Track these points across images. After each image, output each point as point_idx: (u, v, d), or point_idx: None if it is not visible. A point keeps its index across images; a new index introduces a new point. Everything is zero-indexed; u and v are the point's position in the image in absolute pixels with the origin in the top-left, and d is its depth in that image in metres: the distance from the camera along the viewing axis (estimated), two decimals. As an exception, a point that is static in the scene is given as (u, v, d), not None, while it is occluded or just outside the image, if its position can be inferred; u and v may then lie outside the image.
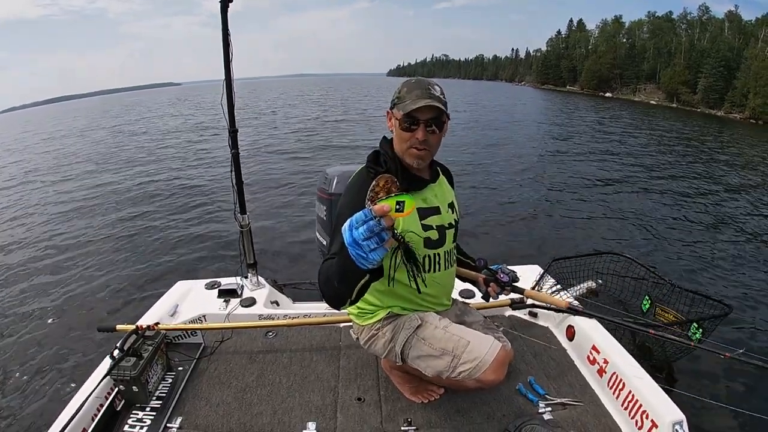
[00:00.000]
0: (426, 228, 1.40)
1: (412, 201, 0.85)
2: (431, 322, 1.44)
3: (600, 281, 2.43)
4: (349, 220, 0.87)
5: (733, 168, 10.33)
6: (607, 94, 48.06)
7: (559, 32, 69.06)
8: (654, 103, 39.74)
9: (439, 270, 1.47)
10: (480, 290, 1.64)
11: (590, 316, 1.72)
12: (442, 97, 1.32)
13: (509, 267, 1.62)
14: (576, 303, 1.83)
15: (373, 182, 0.89)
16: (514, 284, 1.59)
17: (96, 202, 7.82)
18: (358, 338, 1.60)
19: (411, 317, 1.46)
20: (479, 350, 1.35)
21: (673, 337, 1.46)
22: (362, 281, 1.08)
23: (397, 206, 0.84)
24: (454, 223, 1.51)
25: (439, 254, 1.45)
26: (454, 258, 1.57)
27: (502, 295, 1.63)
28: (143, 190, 8.56)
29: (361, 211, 0.86)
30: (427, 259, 1.43)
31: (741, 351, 1.30)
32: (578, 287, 2.33)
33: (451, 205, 1.53)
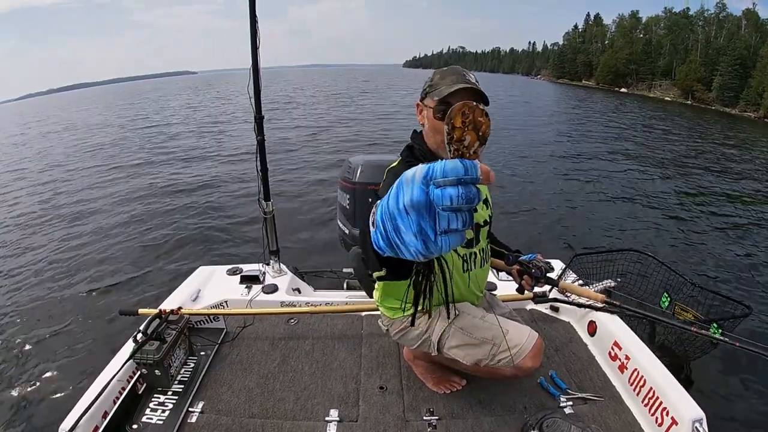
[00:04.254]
0: None
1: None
2: (468, 312, 1.44)
3: (619, 279, 2.42)
4: (424, 168, 0.44)
5: (758, 167, 10.15)
6: (623, 90, 47.41)
7: (576, 26, 68.07)
8: (669, 99, 39.12)
9: (474, 269, 1.44)
10: (516, 281, 1.60)
11: (629, 310, 1.71)
12: (477, 84, 1.22)
13: (542, 259, 1.57)
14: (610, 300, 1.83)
15: (456, 111, 0.48)
16: (548, 275, 1.56)
17: (118, 189, 7.88)
18: (387, 330, 1.58)
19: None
20: (519, 338, 1.36)
21: (719, 337, 1.43)
22: (378, 273, 1.03)
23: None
24: (489, 220, 1.47)
25: (475, 253, 1.43)
26: (489, 254, 1.54)
27: (537, 287, 1.60)
28: (165, 177, 8.61)
29: (454, 161, 0.44)
30: (462, 260, 1.40)
31: None
32: (599, 284, 2.32)
33: (485, 201, 1.47)
